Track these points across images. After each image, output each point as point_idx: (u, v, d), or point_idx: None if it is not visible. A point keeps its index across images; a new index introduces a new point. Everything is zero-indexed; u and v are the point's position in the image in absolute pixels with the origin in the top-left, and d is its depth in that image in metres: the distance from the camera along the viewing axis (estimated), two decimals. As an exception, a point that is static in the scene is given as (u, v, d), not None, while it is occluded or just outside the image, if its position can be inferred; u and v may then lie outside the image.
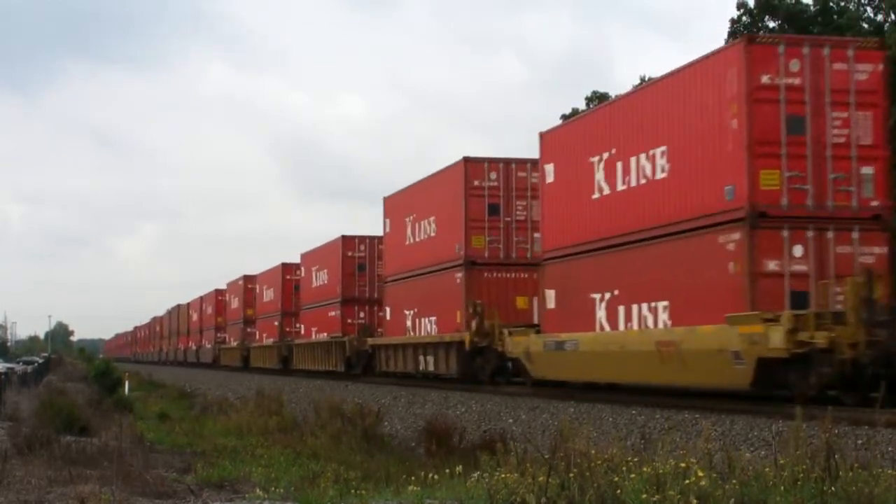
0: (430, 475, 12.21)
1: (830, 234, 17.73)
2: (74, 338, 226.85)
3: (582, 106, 56.02)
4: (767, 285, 17.37)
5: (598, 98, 55.55)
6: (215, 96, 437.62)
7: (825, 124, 17.74)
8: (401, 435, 26.18)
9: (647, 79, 56.51)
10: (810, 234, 17.70)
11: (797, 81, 17.70)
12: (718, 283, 18.08)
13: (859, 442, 13.70)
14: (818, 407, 14.09)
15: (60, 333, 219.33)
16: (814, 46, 18.05)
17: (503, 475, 10.10)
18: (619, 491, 9.01)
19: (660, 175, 19.95)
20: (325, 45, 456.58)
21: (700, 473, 9.10)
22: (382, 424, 26.88)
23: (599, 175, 21.95)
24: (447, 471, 12.24)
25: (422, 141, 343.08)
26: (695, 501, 8.54)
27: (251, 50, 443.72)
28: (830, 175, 17.72)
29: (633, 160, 20.84)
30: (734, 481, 9.22)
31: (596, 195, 22.12)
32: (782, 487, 9.23)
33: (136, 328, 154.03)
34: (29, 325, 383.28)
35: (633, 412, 19.84)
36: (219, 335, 74.21)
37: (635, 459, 10.42)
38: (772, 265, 17.45)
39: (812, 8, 45.57)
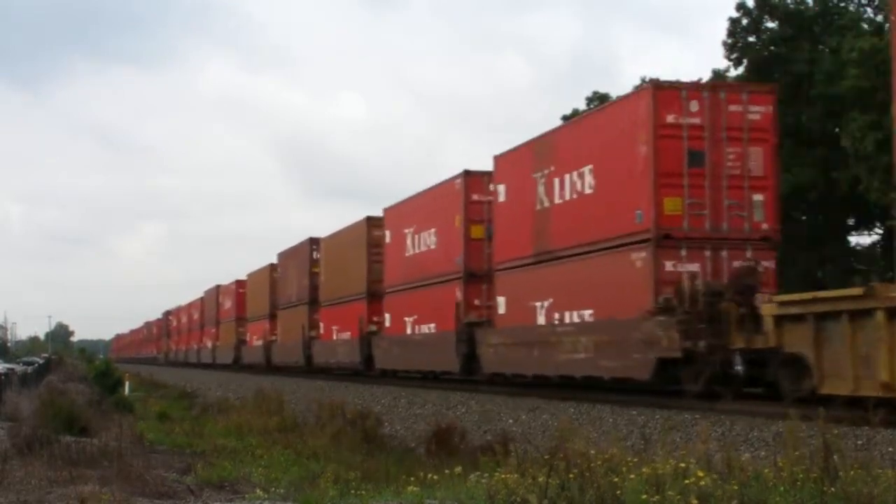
0: (430, 475, 12.22)
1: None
2: (75, 338, 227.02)
3: (583, 106, 55.88)
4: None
5: (598, 98, 55.40)
6: (216, 95, 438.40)
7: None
8: (401, 435, 26.18)
9: (647, 80, 56.46)
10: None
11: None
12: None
13: (859, 442, 13.70)
14: (815, 407, 14.11)
15: (61, 334, 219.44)
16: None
17: (503, 475, 10.11)
18: (618, 491, 9.02)
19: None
20: (326, 43, 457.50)
21: (700, 474, 9.12)
22: (383, 425, 26.88)
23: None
24: (447, 471, 12.25)
25: (424, 140, 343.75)
26: (695, 502, 8.55)
27: (253, 49, 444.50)
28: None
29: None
30: (733, 482, 9.23)
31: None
32: (782, 488, 9.24)
33: (166, 314, 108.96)
34: (29, 325, 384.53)
35: (633, 412, 19.84)
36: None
37: (635, 460, 10.44)
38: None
39: (813, 9, 45.54)
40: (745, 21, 45.33)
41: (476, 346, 28.18)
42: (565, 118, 56.23)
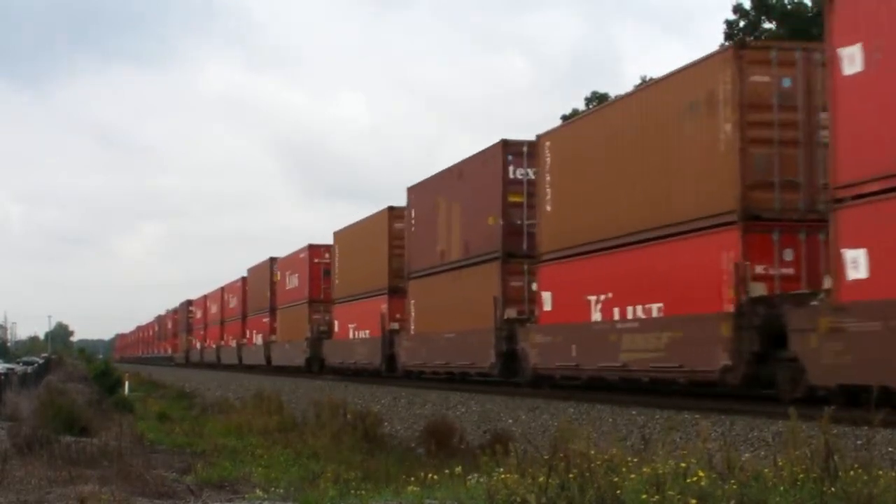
0: (430, 475, 12.23)
1: None
2: (74, 338, 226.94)
3: (582, 107, 55.91)
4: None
5: (597, 99, 55.44)
6: (217, 95, 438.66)
7: None
8: (401, 435, 26.19)
9: (647, 79, 56.38)
10: None
11: None
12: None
13: (859, 442, 13.69)
14: (816, 407, 14.11)
15: (60, 334, 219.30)
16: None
17: (503, 475, 10.11)
18: (618, 491, 9.02)
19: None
20: (327, 43, 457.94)
21: (699, 474, 9.12)
22: (383, 425, 26.88)
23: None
24: (447, 471, 12.25)
25: (425, 140, 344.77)
26: (694, 502, 8.55)
27: (253, 48, 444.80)
28: None
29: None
30: (733, 482, 9.23)
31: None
32: (782, 488, 9.24)
33: (187, 303, 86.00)
34: (29, 325, 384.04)
35: (633, 412, 19.86)
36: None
37: (635, 460, 10.43)
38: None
39: (811, 10, 45.48)
40: (742, 23, 45.33)
41: None
42: (565, 118, 56.32)
